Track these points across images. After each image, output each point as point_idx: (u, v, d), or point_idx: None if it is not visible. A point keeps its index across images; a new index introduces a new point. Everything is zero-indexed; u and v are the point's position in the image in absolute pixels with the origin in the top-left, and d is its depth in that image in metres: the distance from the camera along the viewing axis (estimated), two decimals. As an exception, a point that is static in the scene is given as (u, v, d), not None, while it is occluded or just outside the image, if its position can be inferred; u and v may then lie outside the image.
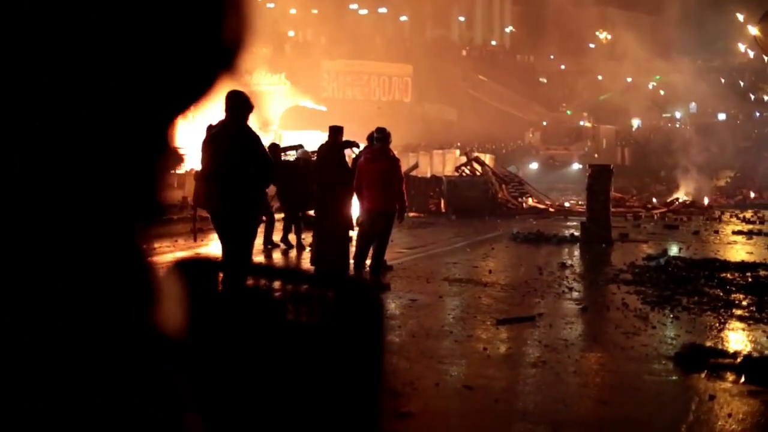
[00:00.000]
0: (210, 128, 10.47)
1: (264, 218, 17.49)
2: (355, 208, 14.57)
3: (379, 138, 14.00)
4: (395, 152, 14.89)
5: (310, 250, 15.28)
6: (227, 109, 10.25)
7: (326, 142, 15.12)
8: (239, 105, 10.24)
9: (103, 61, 1.78)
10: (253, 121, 10.59)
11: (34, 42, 1.72)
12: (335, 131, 14.90)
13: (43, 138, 1.74)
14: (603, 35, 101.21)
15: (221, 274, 3.46)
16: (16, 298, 1.74)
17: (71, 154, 1.77)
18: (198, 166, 11.04)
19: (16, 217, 1.74)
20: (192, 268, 3.36)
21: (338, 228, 14.28)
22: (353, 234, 14.60)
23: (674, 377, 8.13)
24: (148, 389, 1.89)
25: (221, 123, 10.31)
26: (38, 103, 1.73)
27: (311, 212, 17.24)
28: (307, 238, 17.90)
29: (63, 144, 1.76)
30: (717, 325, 10.85)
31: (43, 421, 1.76)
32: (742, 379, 7.91)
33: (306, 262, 16.14)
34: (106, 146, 1.81)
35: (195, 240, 16.15)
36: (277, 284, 3.23)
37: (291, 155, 22.14)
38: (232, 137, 10.15)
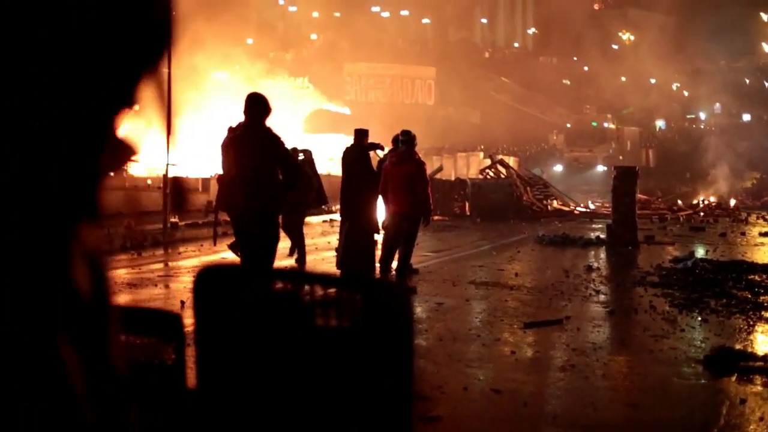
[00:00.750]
0: (231, 130, 10.46)
1: None
2: (381, 211, 14.53)
3: (405, 141, 13.98)
4: (420, 155, 14.87)
5: (335, 254, 15.23)
6: (247, 111, 10.25)
7: (351, 145, 15.09)
8: (258, 107, 10.24)
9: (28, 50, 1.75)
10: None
11: None
12: (360, 134, 14.87)
13: None
14: (626, 36, 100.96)
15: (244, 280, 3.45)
16: None
17: None
18: (221, 170, 11.01)
19: None
20: (216, 275, 3.34)
21: (364, 231, 14.25)
22: (378, 237, 14.56)
23: (704, 380, 8.06)
24: None
25: (241, 125, 10.31)
26: None
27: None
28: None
29: None
30: (746, 327, 10.77)
31: None
32: (774, 383, 7.84)
33: (326, 267, 16.11)
34: (30, 138, 1.77)
35: (215, 244, 16.17)
36: (304, 288, 3.21)
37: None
38: (254, 139, 10.14)
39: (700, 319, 11.32)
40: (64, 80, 1.80)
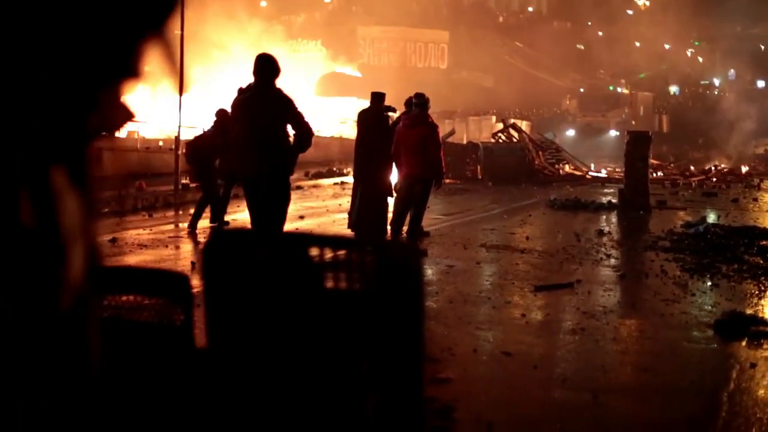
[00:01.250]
0: (241, 91, 10.44)
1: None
2: (394, 175, 14.50)
3: (418, 104, 13.95)
4: (432, 118, 14.83)
5: (348, 216, 15.19)
6: (256, 72, 10.23)
7: (367, 107, 15.01)
8: (268, 68, 10.21)
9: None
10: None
11: None
12: (377, 97, 14.77)
13: None
14: (641, 1, 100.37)
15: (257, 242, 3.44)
16: None
17: None
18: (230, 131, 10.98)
19: None
20: (229, 238, 3.34)
21: (378, 193, 14.21)
22: (391, 200, 14.53)
23: (714, 345, 8.06)
24: None
25: (251, 86, 10.29)
26: None
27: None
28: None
29: None
30: (757, 292, 10.75)
31: None
32: (784, 347, 7.84)
33: (337, 229, 16.10)
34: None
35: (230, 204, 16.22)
36: (315, 251, 3.21)
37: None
38: (264, 101, 10.12)
39: (711, 284, 11.30)
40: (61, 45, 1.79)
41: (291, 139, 10.41)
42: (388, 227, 14.15)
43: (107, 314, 3.10)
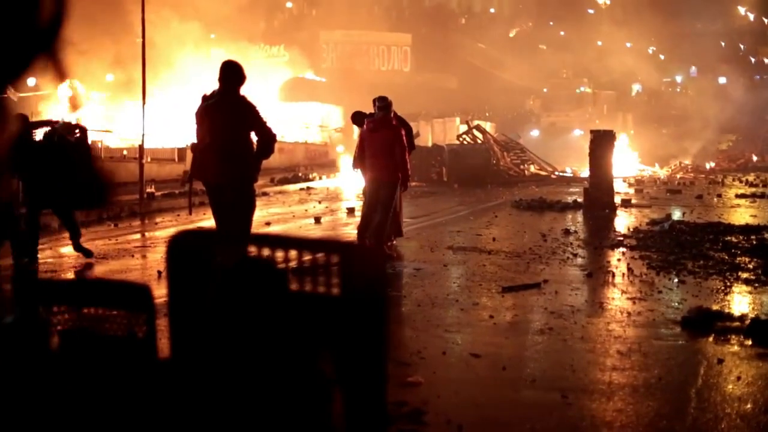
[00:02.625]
0: (205, 98, 10.39)
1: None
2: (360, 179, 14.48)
3: (381, 107, 13.95)
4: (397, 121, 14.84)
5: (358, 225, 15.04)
6: (221, 79, 10.21)
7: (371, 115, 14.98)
8: (233, 75, 10.20)
9: None
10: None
11: None
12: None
13: None
14: (602, 0, 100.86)
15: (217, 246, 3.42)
16: None
17: None
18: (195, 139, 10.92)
19: None
20: (189, 241, 3.31)
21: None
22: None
23: (682, 342, 8.09)
24: None
25: (215, 93, 10.25)
26: None
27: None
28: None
29: None
30: (723, 288, 10.81)
31: None
32: (750, 342, 7.87)
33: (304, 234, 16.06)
34: None
35: (190, 213, 16.15)
36: (280, 254, 3.19)
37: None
38: (228, 107, 10.10)
39: (677, 280, 11.36)
40: None
41: (255, 145, 10.38)
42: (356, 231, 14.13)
43: (69, 327, 3.07)
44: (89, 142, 14.60)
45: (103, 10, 44.56)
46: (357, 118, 14.80)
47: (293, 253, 3.21)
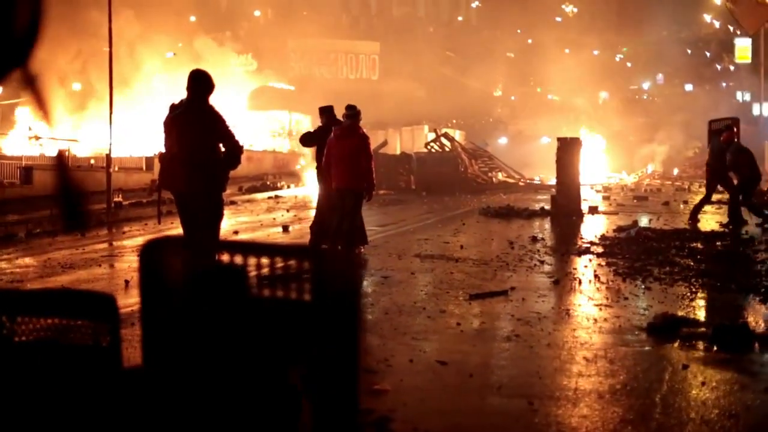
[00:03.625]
0: (173, 107, 10.37)
1: None
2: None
3: (349, 115, 14.01)
4: (364, 130, 14.89)
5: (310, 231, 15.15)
6: (190, 89, 10.21)
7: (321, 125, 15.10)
8: (204, 84, 10.20)
9: None
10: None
11: None
12: (326, 111, 14.97)
13: None
14: (569, 9, 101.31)
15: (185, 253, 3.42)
16: None
17: None
18: (163, 148, 10.93)
19: None
20: (160, 250, 3.31)
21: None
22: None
23: (648, 348, 8.15)
24: None
25: (183, 102, 10.24)
26: None
27: None
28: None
29: None
30: (689, 294, 10.90)
31: None
32: (715, 348, 7.95)
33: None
34: None
35: (159, 222, 16.11)
36: (251, 261, 3.20)
37: None
38: (195, 117, 10.09)
39: (643, 287, 11.43)
40: None
41: (222, 155, 10.38)
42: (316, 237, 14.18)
43: (33, 337, 3.06)
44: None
45: (68, 17, 44.32)
46: (306, 140, 14.95)
47: (264, 260, 3.22)
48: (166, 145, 10.47)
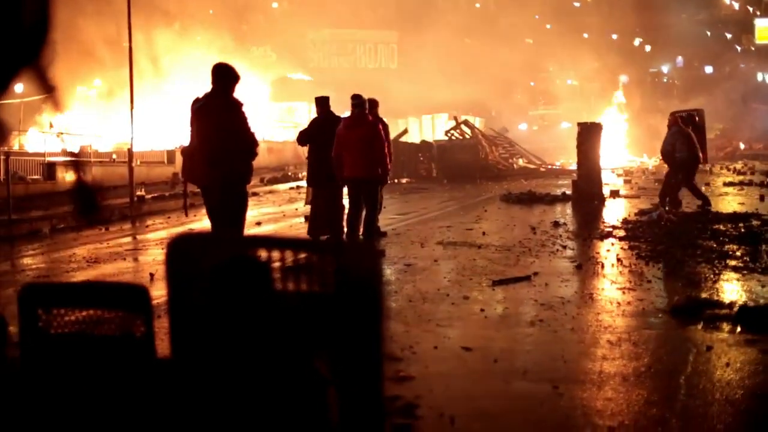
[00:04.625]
0: (196, 101, 10.45)
1: None
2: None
3: (356, 104, 14.08)
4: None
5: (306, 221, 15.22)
6: (214, 82, 10.29)
7: (317, 117, 15.08)
8: (226, 77, 10.28)
9: None
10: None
11: None
12: (323, 102, 14.92)
13: None
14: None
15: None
16: None
17: None
18: (185, 142, 11.03)
19: None
20: (186, 245, 3.37)
21: (334, 196, 14.32)
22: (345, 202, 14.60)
23: (671, 330, 8.18)
24: None
25: (207, 96, 10.32)
26: None
27: None
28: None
29: None
30: (712, 276, 10.91)
31: None
32: (739, 329, 7.97)
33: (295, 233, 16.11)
34: None
35: (186, 215, 16.17)
36: (276, 255, 3.25)
37: None
38: (218, 109, 10.17)
39: (666, 270, 11.45)
40: None
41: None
42: (344, 228, 14.20)
43: (69, 330, 3.13)
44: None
45: (89, 13, 44.46)
46: (302, 139, 14.94)
47: (288, 253, 3.27)
48: (192, 138, 10.55)
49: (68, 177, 26.29)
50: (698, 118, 22.92)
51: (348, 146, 13.82)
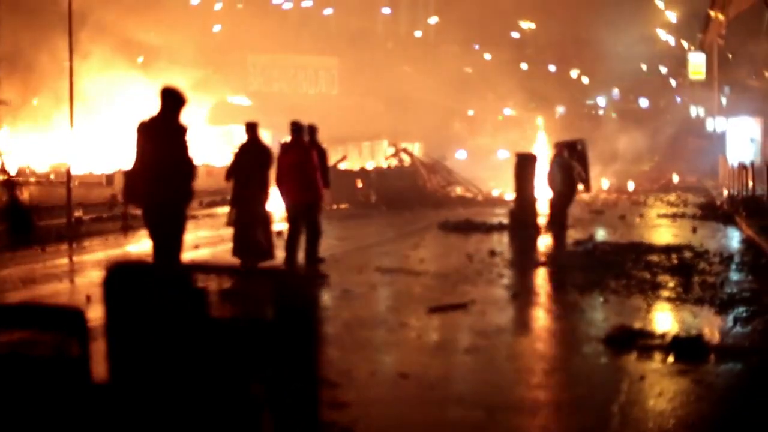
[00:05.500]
0: (143, 123, 10.42)
1: None
2: (279, 201, 14.58)
3: (294, 130, 14.21)
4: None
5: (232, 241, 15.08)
6: (162, 105, 10.28)
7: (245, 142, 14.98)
8: (174, 100, 10.29)
9: None
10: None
11: None
12: (252, 127, 14.89)
13: None
14: (526, 25, 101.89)
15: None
16: None
17: None
18: (125, 166, 11.00)
19: None
20: (123, 269, 3.36)
21: (260, 216, 14.26)
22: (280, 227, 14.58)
23: (605, 359, 8.26)
24: None
25: (154, 118, 10.30)
26: None
27: None
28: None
29: None
30: (645, 306, 11.02)
31: None
32: (671, 359, 8.06)
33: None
34: None
35: (125, 236, 16.04)
36: (211, 280, 3.25)
37: None
38: (168, 132, 10.17)
39: (600, 299, 11.54)
40: None
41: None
42: (282, 253, 14.17)
43: (1, 351, 3.11)
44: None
45: (27, 30, 44.07)
46: (229, 174, 14.90)
47: (225, 279, 3.28)
48: (137, 159, 10.51)
49: (3, 196, 25.98)
50: (581, 147, 24.30)
51: (284, 171, 13.92)
